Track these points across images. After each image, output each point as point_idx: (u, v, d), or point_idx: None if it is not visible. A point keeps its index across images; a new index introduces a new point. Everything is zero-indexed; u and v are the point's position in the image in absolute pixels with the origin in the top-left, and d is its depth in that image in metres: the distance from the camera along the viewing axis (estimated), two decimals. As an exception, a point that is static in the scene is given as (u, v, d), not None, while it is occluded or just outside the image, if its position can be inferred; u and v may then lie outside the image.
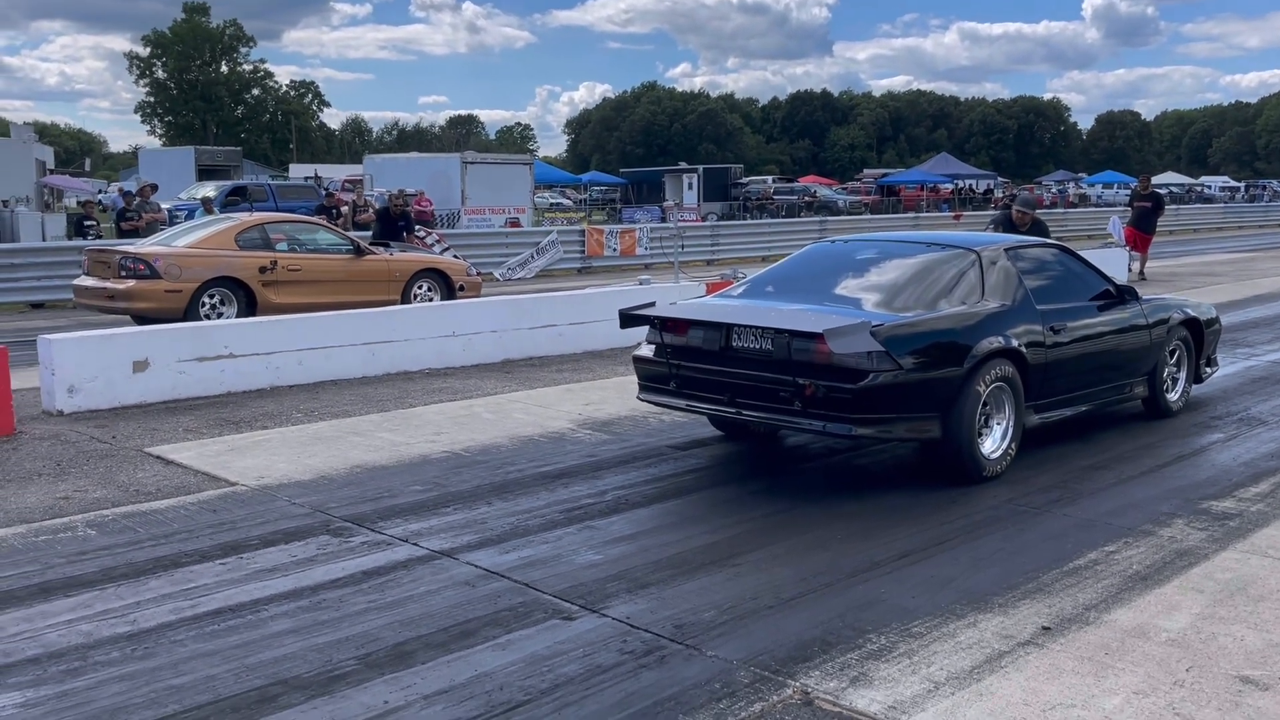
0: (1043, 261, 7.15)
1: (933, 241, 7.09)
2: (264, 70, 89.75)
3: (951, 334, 6.08)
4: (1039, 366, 6.47)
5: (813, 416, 5.83)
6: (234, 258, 12.20)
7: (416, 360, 10.11)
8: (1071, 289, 7.11)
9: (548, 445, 7.22)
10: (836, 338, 5.63)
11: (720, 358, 6.22)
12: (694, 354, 6.38)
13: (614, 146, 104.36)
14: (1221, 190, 67.64)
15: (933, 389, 5.91)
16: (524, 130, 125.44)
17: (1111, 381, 7.27)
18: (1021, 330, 6.40)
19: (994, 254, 6.73)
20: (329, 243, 13.28)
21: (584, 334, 11.23)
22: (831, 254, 7.38)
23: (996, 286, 6.51)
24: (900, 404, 5.82)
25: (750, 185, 53.78)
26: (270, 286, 12.28)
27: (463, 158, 30.50)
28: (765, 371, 5.97)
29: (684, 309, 6.74)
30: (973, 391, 6.03)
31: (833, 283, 6.75)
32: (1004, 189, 55.95)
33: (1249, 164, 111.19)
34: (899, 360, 5.72)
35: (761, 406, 6.06)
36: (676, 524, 5.56)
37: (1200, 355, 8.16)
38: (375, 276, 13.17)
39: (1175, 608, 4.42)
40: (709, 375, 6.29)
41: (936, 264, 6.61)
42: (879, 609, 4.42)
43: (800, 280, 6.98)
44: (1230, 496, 5.93)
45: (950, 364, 5.96)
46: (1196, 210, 44.10)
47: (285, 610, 4.43)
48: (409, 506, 5.85)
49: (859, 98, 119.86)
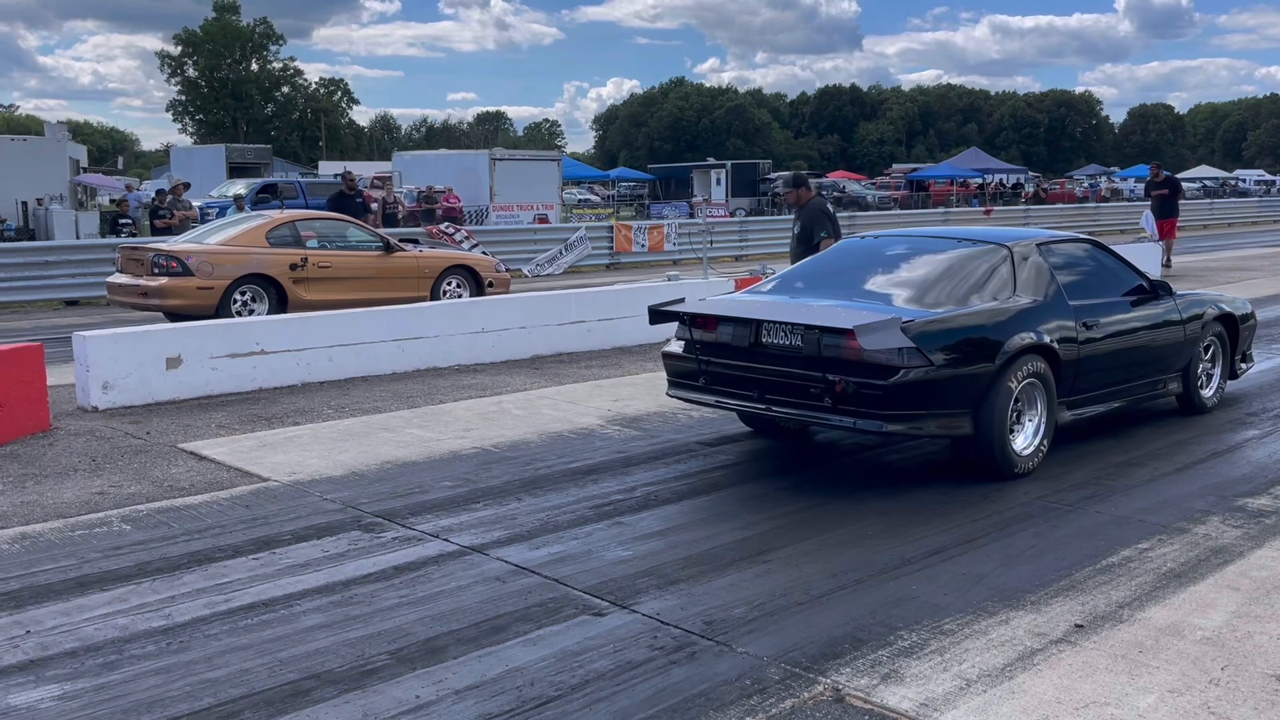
0: (1075, 256, 7.10)
1: (964, 237, 7.05)
2: (294, 68, 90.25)
3: (983, 330, 6.05)
4: (1071, 362, 6.42)
5: (843, 413, 5.82)
6: (265, 255, 12.34)
7: (446, 356, 10.15)
8: (1104, 284, 7.05)
9: (577, 441, 7.23)
10: (867, 334, 5.61)
11: (750, 354, 6.20)
12: (723, 350, 6.36)
13: (642, 142, 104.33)
14: (1256, 184, 66.57)
15: (964, 385, 5.88)
16: (552, 126, 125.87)
17: (1145, 377, 7.19)
18: (1054, 326, 6.34)
19: (1026, 249, 6.69)
20: (359, 239, 13.39)
21: (613, 330, 11.24)
22: (862, 250, 7.37)
23: (1028, 282, 6.47)
24: (931, 400, 5.78)
25: (779, 180, 53.55)
26: (301, 283, 12.41)
27: (491, 154, 30.58)
28: (795, 368, 5.96)
29: (713, 305, 6.74)
30: (1004, 388, 5.99)
31: (863, 278, 6.74)
32: (1035, 184, 55.57)
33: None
34: (930, 356, 5.69)
35: (791, 403, 6.04)
36: (706, 520, 5.55)
37: (1235, 351, 8.07)
38: (405, 273, 13.25)
39: (1210, 606, 4.37)
40: (738, 371, 6.27)
41: (968, 259, 6.58)
42: (910, 606, 4.40)
43: (831, 276, 6.96)
44: (1266, 494, 5.86)
45: (982, 360, 5.93)
46: (1231, 204, 43.44)
47: (317, 605, 4.46)
48: (439, 502, 5.88)
49: (888, 92, 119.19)
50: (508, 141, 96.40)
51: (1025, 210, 35.83)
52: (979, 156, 61.41)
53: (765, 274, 12.62)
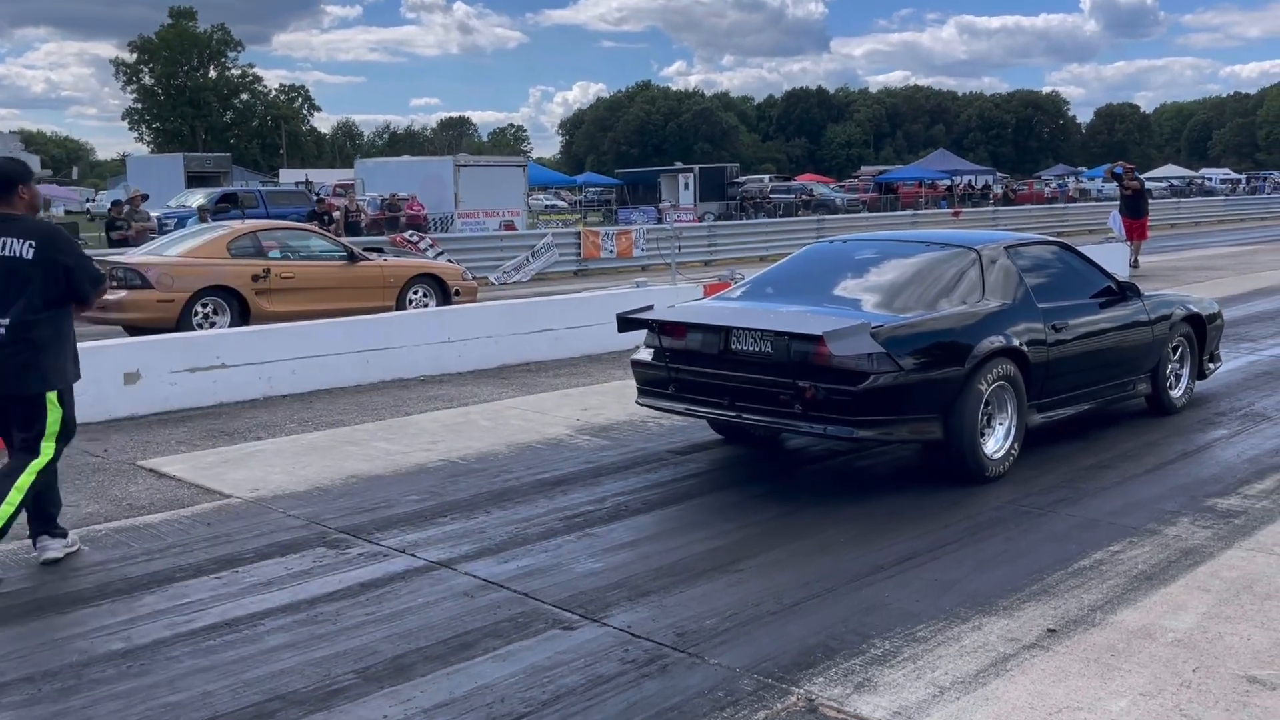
0: (1043, 259, 7.11)
1: (932, 240, 7.05)
2: (253, 75, 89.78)
3: (952, 334, 6.04)
4: (1041, 365, 6.42)
5: (813, 419, 5.78)
6: (226, 266, 12.21)
7: (411, 367, 10.05)
8: (1072, 286, 7.06)
9: (546, 452, 7.17)
10: (836, 339, 5.58)
11: (719, 361, 6.16)
12: (693, 357, 6.32)
13: (609, 147, 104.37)
14: (1222, 183, 67.46)
15: (934, 389, 5.86)
16: (517, 132, 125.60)
17: (1114, 379, 7.21)
18: (1022, 329, 6.35)
19: (994, 252, 6.69)
20: (322, 249, 13.27)
21: (581, 338, 11.18)
22: (831, 254, 7.35)
23: (997, 285, 6.46)
24: (902, 405, 5.77)
25: (747, 184, 53.78)
26: (263, 295, 12.26)
27: (455, 160, 30.42)
28: (765, 374, 5.92)
29: (682, 312, 6.70)
30: (974, 391, 5.97)
31: (832, 283, 6.71)
32: (1003, 185, 56.05)
33: (1249, 155, 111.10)
34: (899, 361, 5.67)
35: (761, 410, 6.01)
36: (677, 530, 5.51)
37: (1203, 351, 8.09)
38: (369, 283, 13.14)
39: (1181, 607, 4.38)
40: (708, 378, 6.23)
41: (936, 263, 6.57)
42: (882, 613, 4.37)
43: (799, 281, 6.94)
44: (1235, 494, 5.88)
45: (951, 364, 5.91)
46: (1197, 203, 43.90)
47: (282, 624, 4.38)
48: (406, 517, 5.80)
49: (855, 94, 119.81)
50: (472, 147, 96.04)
51: (994, 211, 36.08)
52: (947, 158, 61.91)
53: (734, 279, 12.61)
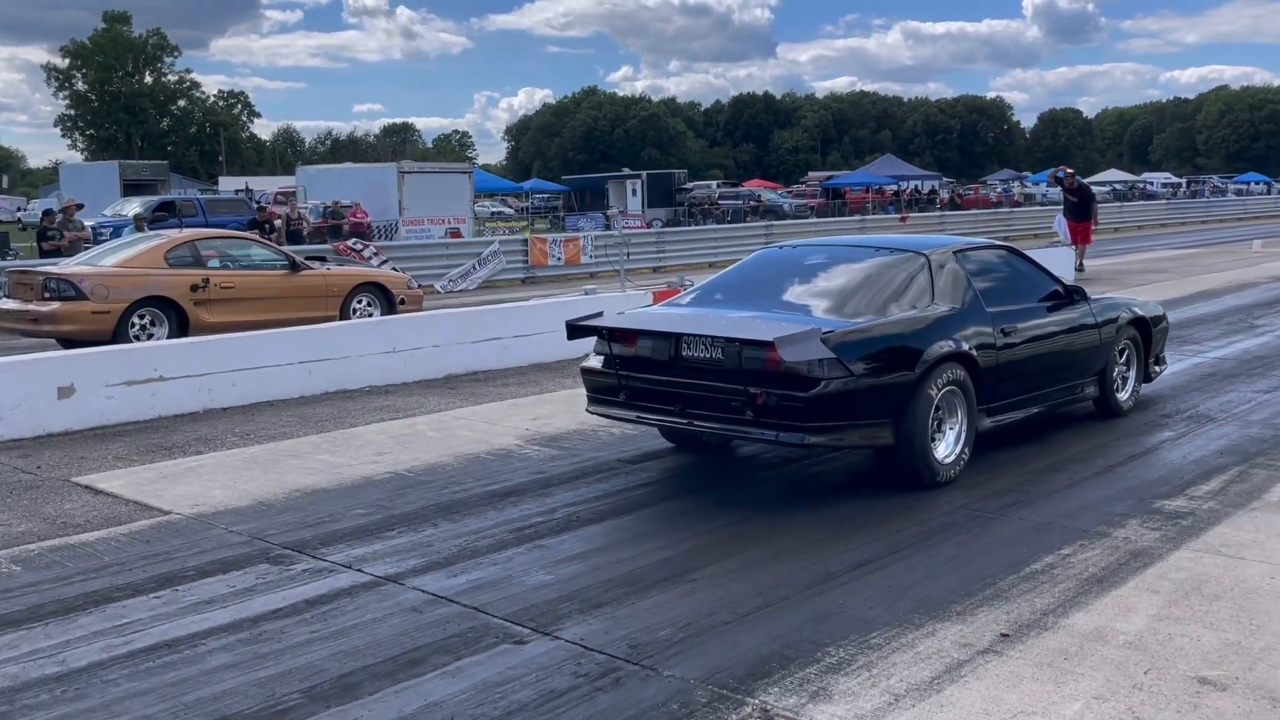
0: (991, 263, 7.16)
1: (881, 245, 7.08)
2: (190, 80, 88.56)
3: (902, 338, 6.05)
4: (990, 369, 6.45)
5: (765, 426, 5.76)
6: (164, 276, 11.93)
7: (356, 378, 9.89)
8: (1020, 290, 7.12)
9: (495, 463, 7.07)
10: (787, 345, 5.56)
11: (670, 368, 6.11)
12: (643, 364, 6.27)
13: (555, 153, 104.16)
14: (1164, 187, 68.78)
15: (885, 395, 5.88)
16: (462, 138, 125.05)
17: (1063, 382, 7.27)
18: (971, 333, 6.38)
19: (942, 257, 6.73)
20: (263, 258, 13.05)
21: (530, 346, 11.08)
22: (780, 259, 7.35)
23: (946, 290, 6.50)
24: (853, 411, 5.76)
25: (695, 190, 53.96)
26: (203, 305, 12.00)
27: (399, 167, 30.09)
28: (716, 381, 5.89)
29: (631, 319, 6.67)
30: (925, 396, 5.98)
31: (782, 289, 6.73)
32: (949, 189, 56.72)
33: (1189, 160, 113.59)
34: (850, 366, 5.68)
35: (713, 417, 5.97)
36: (629, 540, 5.45)
37: (1149, 354, 8.20)
38: (312, 292, 12.92)
39: (1132, 610, 4.40)
40: (659, 386, 6.19)
41: (886, 268, 6.60)
42: (837, 621, 4.35)
43: (749, 287, 6.92)
44: (1182, 495, 5.94)
45: (902, 369, 5.93)
46: (1140, 207, 44.74)
47: (224, 644, 4.27)
48: (351, 531, 5.68)
49: (802, 100, 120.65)
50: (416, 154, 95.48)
51: (941, 216, 36.46)
52: (893, 163, 62.47)
53: (684, 285, 12.59)
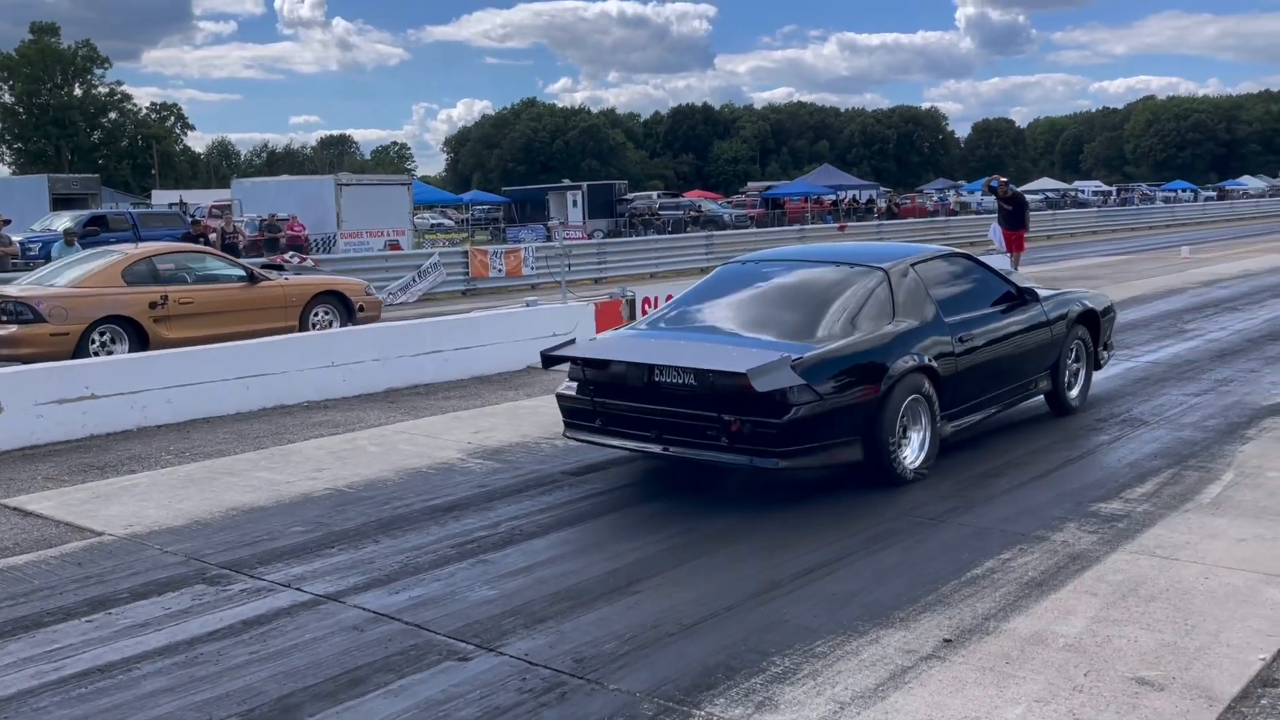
0: (946, 271, 7.31)
1: (840, 259, 7.18)
2: (121, 93, 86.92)
3: (868, 355, 6.20)
4: (950, 377, 6.62)
5: (739, 452, 5.87)
6: (122, 295, 11.77)
7: (294, 393, 9.74)
8: (975, 295, 7.28)
9: (436, 477, 7.00)
10: (759, 375, 5.66)
11: (645, 394, 6.16)
12: (617, 391, 6.34)
13: (495, 164, 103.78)
14: (1094, 195, 70.15)
15: (854, 413, 6.03)
16: (401, 149, 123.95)
17: (1018, 380, 7.49)
18: (931, 344, 6.53)
19: (901, 269, 6.87)
20: (220, 272, 12.96)
21: (471, 359, 11.00)
22: (743, 276, 7.43)
23: (906, 303, 6.64)
24: (824, 432, 5.90)
25: (636, 201, 54.05)
26: (162, 322, 11.89)
27: (337, 179, 29.73)
28: (690, 408, 5.98)
29: (604, 348, 6.76)
30: (890, 410, 6.13)
31: (748, 310, 6.87)
32: (886, 199, 57.40)
33: (1119, 168, 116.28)
34: (819, 390, 5.82)
35: (688, 442, 6.06)
36: (573, 553, 5.42)
37: (1098, 342, 8.48)
38: (271, 303, 12.83)
39: (1071, 612, 4.46)
40: (634, 413, 6.25)
41: (846, 285, 6.70)
42: (782, 630, 4.35)
43: (716, 307, 7.05)
44: (1117, 498, 6.04)
45: (868, 387, 6.08)
46: (1072, 215, 45.66)
47: (160, 668, 4.17)
48: (290, 549, 5.59)
49: (740, 110, 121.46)
50: (354, 166, 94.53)
51: (879, 225, 36.82)
52: (831, 173, 63.04)
53: (625, 297, 12.60)
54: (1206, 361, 10.41)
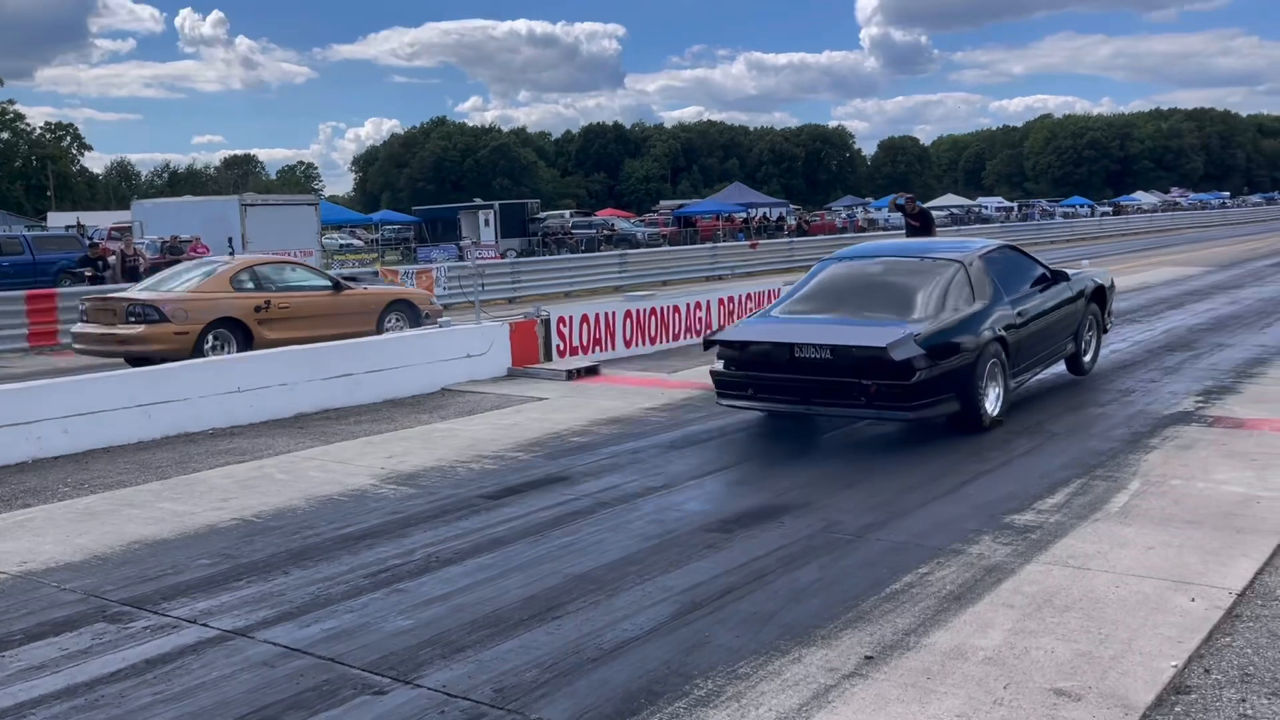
0: (1002, 260, 9.00)
1: (922, 254, 9.01)
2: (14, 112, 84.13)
3: (963, 332, 7.90)
4: (1014, 344, 8.39)
5: (876, 408, 7.61)
6: (232, 299, 13.23)
7: (199, 420, 9.42)
8: (1023, 278, 9.07)
9: (348, 504, 6.82)
10: (895, 349, 7.38)
11: (787, 367, 7.84)
12: (764, 365, 8.05)
13: (405, 184, 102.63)
14: (997, 210, 71.93)
15: (954, 375, 7.73)
16: (307, 169, 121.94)
17: (1054, 344, 9.40)
18: (1000, 318, 8.26)
19: (971, 259, 8.61)
20: (311, 281, 14.44)
21: (383, 382, 10.76)
22: (848, 272, 9.09)
23: (979, 287, 8.39)
24: (936, 390, 7.61)
25: (548, 220, 53.90)
26: (265, 324, 13.21)
27: (241, 200, 29.13)
28: (829, 375, 7.66)
29: (751, 332, 8.48)
30: (979, 371, 7.86)
31: (859, 297, 8.48)
32: (796, 216, 58.16)
33: (1020, 184, 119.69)
34: (934, 359, 7.52)
35: (829, 403, 7.79)
36: (491, 579, 5.31)
37: (1105, 310, 10.54)
38: (354, 309, 14.23)
39: (989, 625, 4.50)
40: (779, 381, 7.94)
41: (932, 273, 8.46)
42: (704, 651, 4.31)
43: (830, 296, 8.67)
44: (1030, 509, 6.13)
45: (964, 354, 7.78)
46: (976, 230, 46.60)
47: (57, 712, 3.98)
48: (196, 583, 5.38)
49: (651, 129, 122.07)
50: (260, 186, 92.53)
51: (790, 243, 37.08)
52: (742, 191, 63.79)
53: (540, 317, 12.49)
54: (1109, 372, 10.69)
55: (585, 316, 12.97)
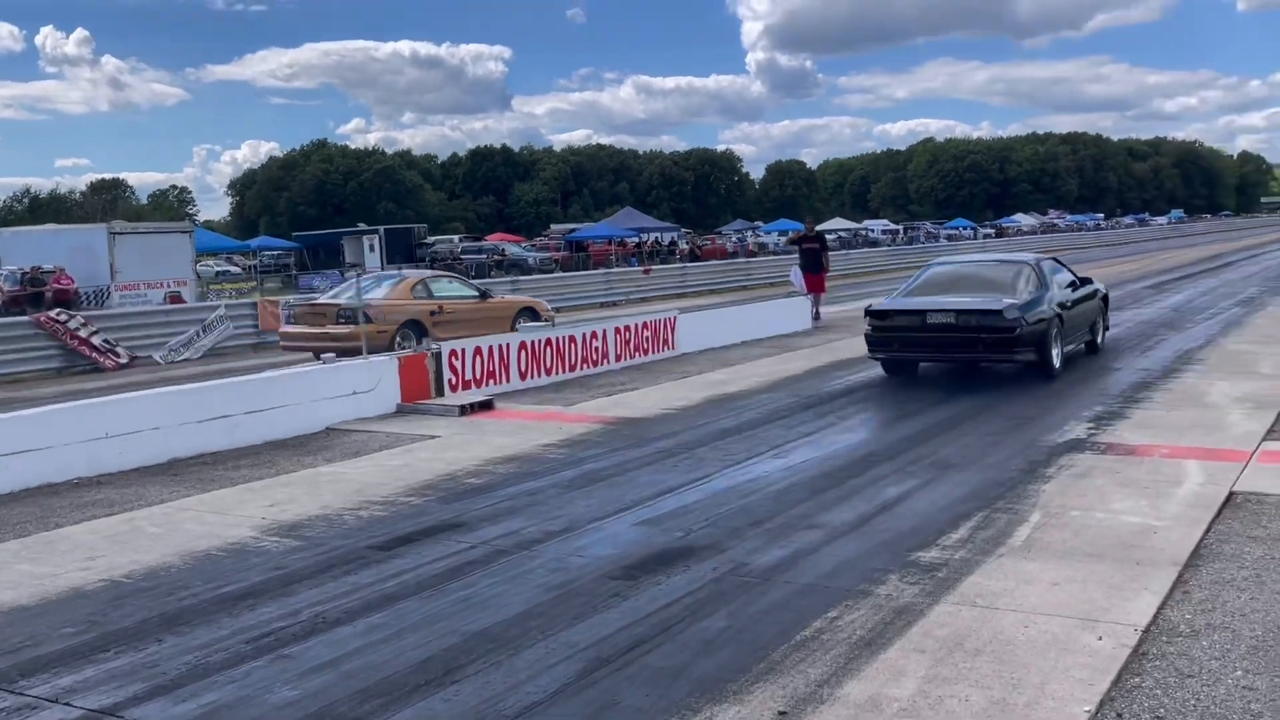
0: (1050, 265, 12.91)
1: (1004, 260, 13.29)
2: None
3: (1040, 305, 11.61)
4: (1065, 320, 12.08)
5: (989, 354, 11.50)
6: (415, 305, 16.68)
7: (62, 470, 8.78)
8: (1063, 279, 12.82)
9: (227, 560, 6.41)
10: (1007, 311, 11.08)
11: (921, 329, 11.62)
12: (903, 328, 11.79)
13: (284, 208, 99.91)
14: (883, 233, 73.20)
15: (1035, 334, 11.33)
16: (181, 193, 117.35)
17: (1083, 327, 13.16)
18: (1056, 300, 12.00)
19: (1035, 260, 12.69)
20: (465, 291, 18.12)
21: (264, 423, 10.24)
22: (949, 270, 13.23)
23: (1044, 279, 12.17)
24: (1026, 344, 11.26)
25: (436, 245, 53.11)
26: (437, 326, 16.35)
27: (110, 228, 27.73)
28: (953, 333, 11.41)
29: (894, 304, 12.10)
30: (1049, 334, 11.55)
31: (964, 284, 12.23)
32: (688, 240, 58.39)
33: (904, 207, 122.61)
34: (1027, 320, 11.21)
35: (953, 353, 11.85)
36: (384, 640, 5.00)
37: (1107, 309, 14.71)
38: (497, 313, 17.59)
39: (901, 673, 4.39)
40: (915, 338, 11.75)
41: (1011, 268, 12.42)
42: (613, 714, 4.12)
43: (942, 285, 12.40)
44: (934, 546, 6.06)
45: (1043, 320, 11.49)
46: (863, 254, 47.34)
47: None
48: (58, 655, 4.95)
49: (540, 152, 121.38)
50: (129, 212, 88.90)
51: (683, 268, 36.87)
52: (633, 215, 63.68)
53: (431, 350, 12.13)
54: (1000, 403, 10.83)
55: (479, 349, 12.66)
